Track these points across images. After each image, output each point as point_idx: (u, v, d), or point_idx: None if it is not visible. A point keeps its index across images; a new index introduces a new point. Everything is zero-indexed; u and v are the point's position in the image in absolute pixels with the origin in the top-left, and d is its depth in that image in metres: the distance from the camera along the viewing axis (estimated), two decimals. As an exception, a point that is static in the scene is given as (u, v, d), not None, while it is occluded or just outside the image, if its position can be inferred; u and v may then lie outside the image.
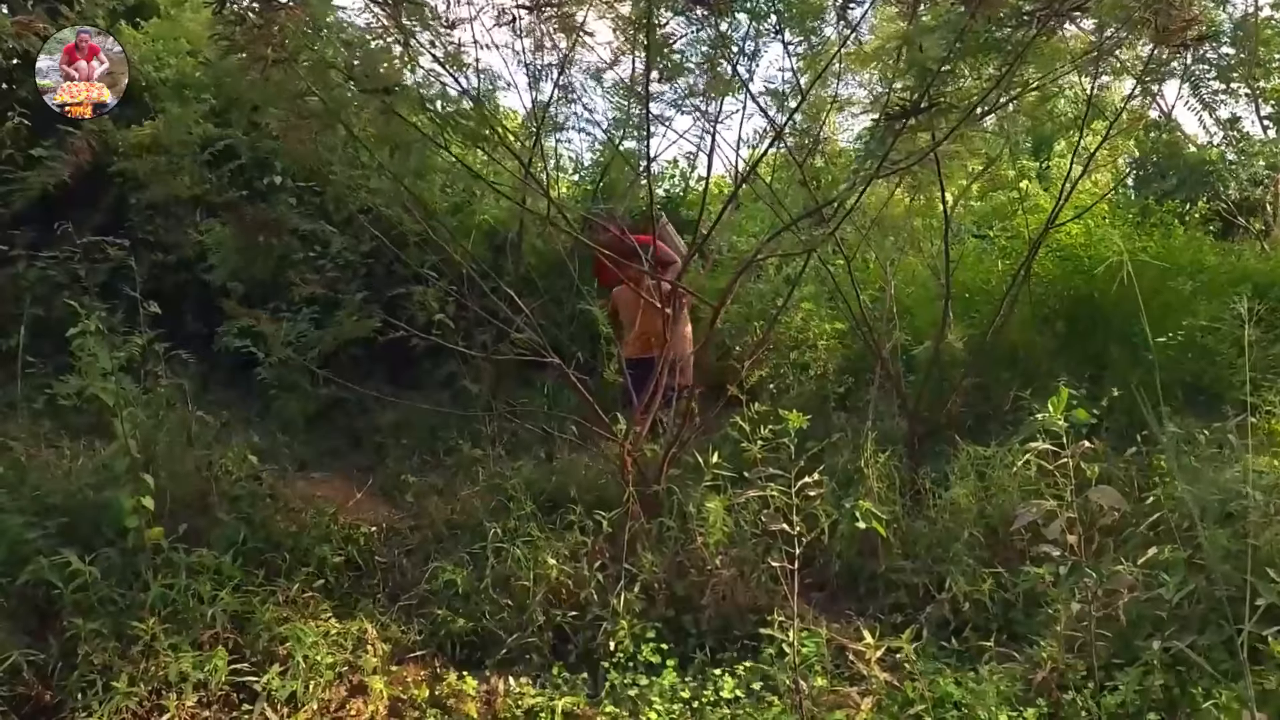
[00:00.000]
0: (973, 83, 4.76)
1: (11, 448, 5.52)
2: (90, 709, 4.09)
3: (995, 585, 4.78)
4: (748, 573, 4.95)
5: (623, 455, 5.38)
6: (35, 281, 6.69)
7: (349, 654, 4.67)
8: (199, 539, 4.88)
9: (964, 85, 4.69)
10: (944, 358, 6.21)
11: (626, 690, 4.55)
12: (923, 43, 4.48)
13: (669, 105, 6.14)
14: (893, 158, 4.71)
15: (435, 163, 5.83)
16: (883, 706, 3.93)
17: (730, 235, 8.22)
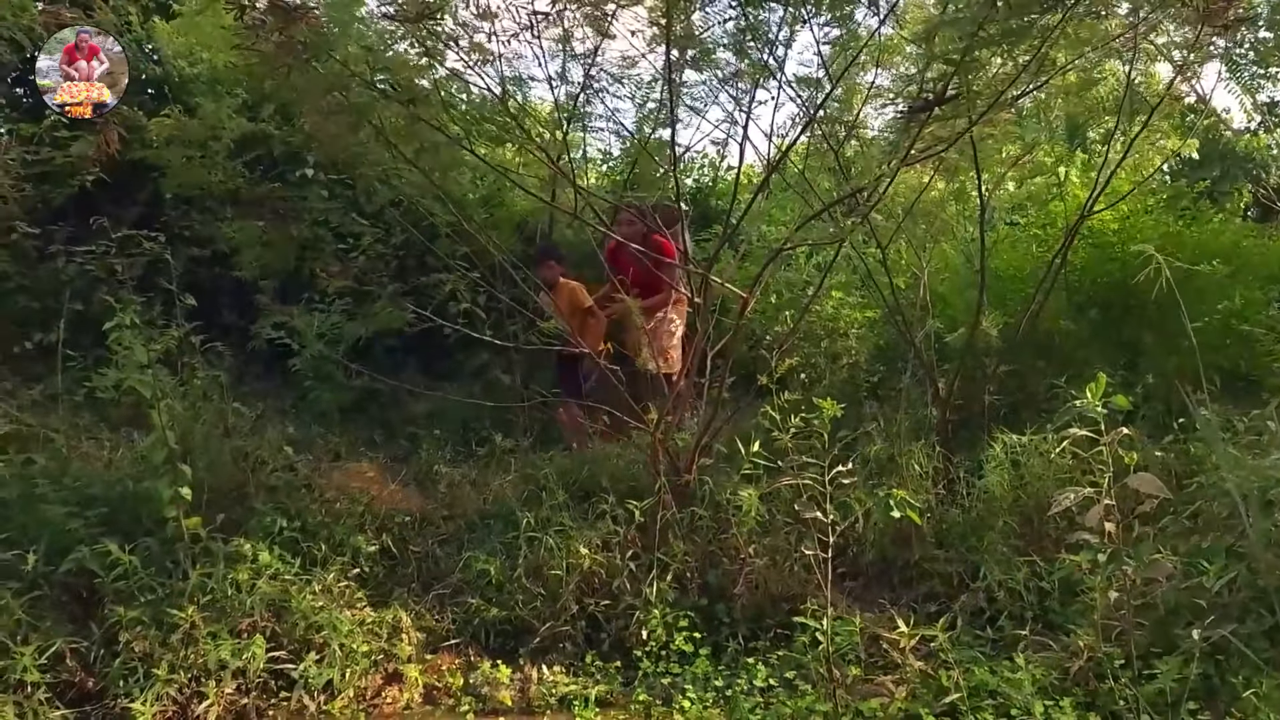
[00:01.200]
0: (1001, 70, 4.70)
1: (53, 439, 5.60)
2: (132, 695, 4.16)
3: (1030, 574, 4.75)
4: (780, 561, 4.95)
5: (654, 444, 5.38)
6: (74, 276, 6.77)
7: (384, 642, 4.73)
8: (236, 528, 4.94)
9: (993, 73, 4.63)
10: (978, 345, 6.15)
11: (659, 679, 4.57)
12: (942, 34, 4.44)
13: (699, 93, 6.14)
14: (922, 145, 4.67)
15: (464, 158, 5.85)
16: (917, 695, 3.92)
17: (760, 224, 8.19)
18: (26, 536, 4.58)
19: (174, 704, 4.25)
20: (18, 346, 6.47)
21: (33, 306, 6.74)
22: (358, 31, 4.82)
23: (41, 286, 6.82)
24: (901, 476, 5.41)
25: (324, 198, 7.74)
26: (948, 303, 7.13)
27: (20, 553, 4.48)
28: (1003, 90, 4.59)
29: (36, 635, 4.25)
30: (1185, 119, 7.07)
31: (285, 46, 4.40)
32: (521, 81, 6.49)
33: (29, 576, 4.45)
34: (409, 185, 6.08)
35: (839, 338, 7.07)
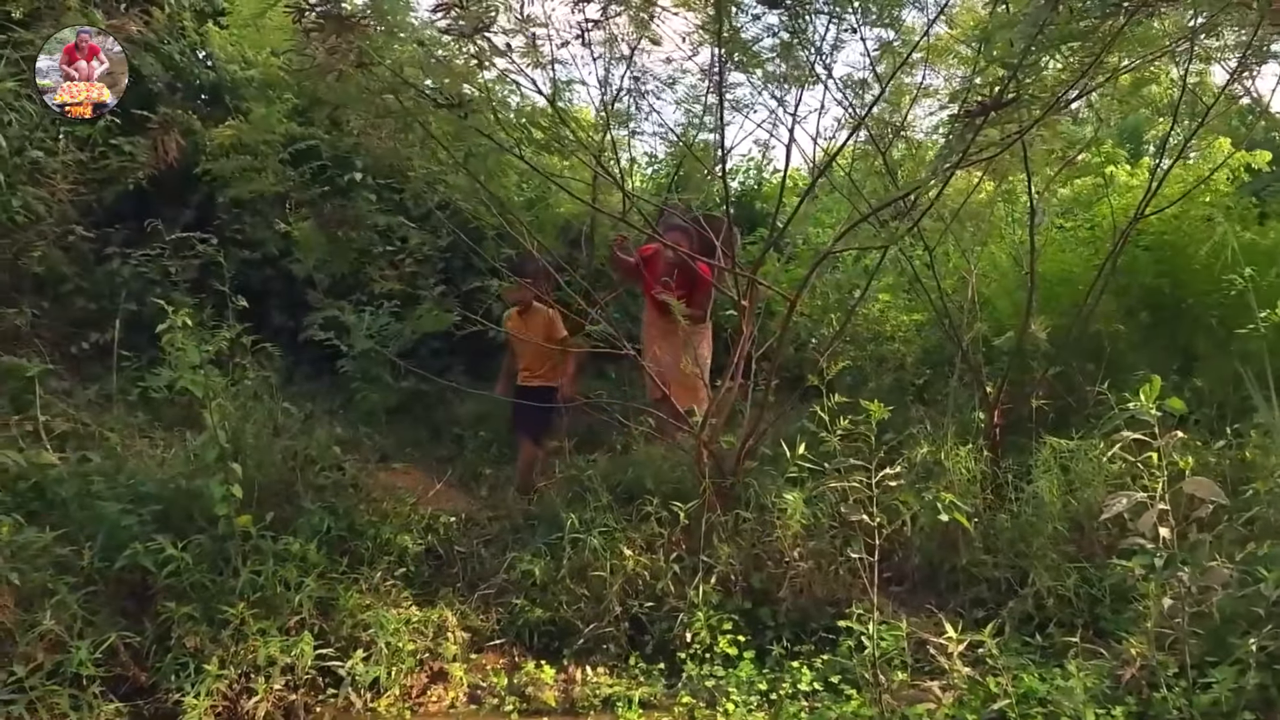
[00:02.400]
0: (1056, 73, 4.64)
1: (108, 438, 5.71)
2: (183, 690, 4.23)
3: (1080, 580, 4.69)
4: (825, 565, 4.92)
5: (698, 447, 5.37)
6: (129, 278, 6.91)
7: (430, 641, 4.77)
8: (285, 526, 5.01)
9: (1047, 76, 4.57)
10: (1026, 348, 6.08)
11: (703, 681, 4.56)
12: (1001, 37, 4.38)
13: (744, 95, 6.14)
14: (975, 149, 4.61)
15: (511, 162, 5.89)
16: (964, 701, 3.88)
17: (806, 227, 8.16)
18: (83, 532, 4.68)
19: (224, 699, 4.31)
20: (74, 347, 6.60)
21: (89, 308, 6.88)
22: (408, 36, 4.86)
23: (98, 288, 6.96)
24: (948, 480, 5.36)
25: (372, 201, 7.83)
26: (995, 305, 7.04)
27: (77, 548, 4.59)
28: (1061, 94, 4.52)
29: (91, 630, 4.33)
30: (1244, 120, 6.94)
31: (338, 53, 4.45)
32: (568, 85, 6.53)
33: (85, 572, 4.55)
34: (455, 189, 6.12)
35: (885, 340, 7.01)
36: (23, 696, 4.01)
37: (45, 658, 4.15)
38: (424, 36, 4.91)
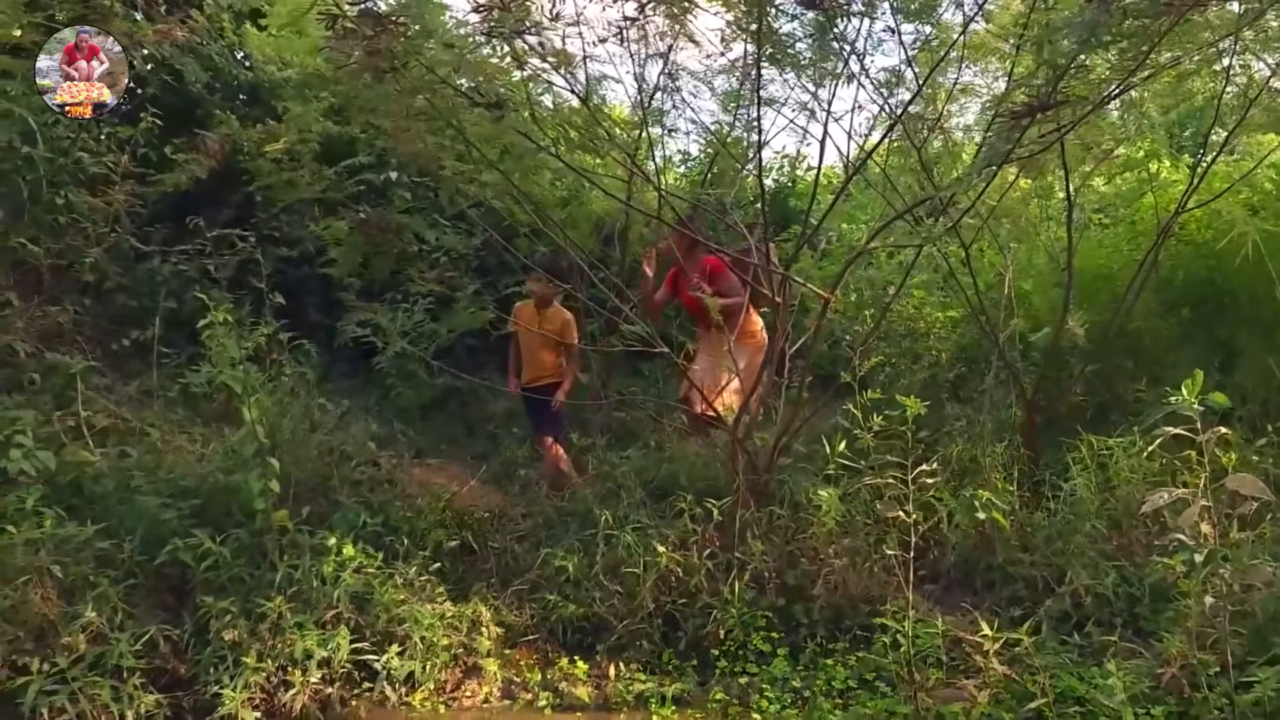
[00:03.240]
0: (1101, 72, 4.57)
1: (148, 433, 5.79)
2: (221, 683, 4.29)
3: (1119, 579, 4.62)
4: (860, 563, 4.89)
5: (732, 444, 5.36)
6: (169, 276, 7.00)
7: (464, 636, 4.80)
8: (321, 521, 5.06)
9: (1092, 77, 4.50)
10: (1063, 345, 6.01)
11: (736, 678, 4.56)
12: (1052, 39, 4.32)
13: (777, 90, 6.11)
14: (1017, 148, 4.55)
15: (544, 159, 5.90)
16: (1000, 700, 3.84)
17: (840, 223, 8.12)
18: (123, 526, 4.76)
19: (262, 692, 4.36)
20: (116, 344, 6.69)
21: (130, 305, 6.97)
22: (442, 36, 4.88)
23: (138, 286, 7.04)
24: (984, 478, 5.31)
25: (407, 200, 7.88)
26: (1032, 301, 6.96)
27: (117, 542, 4.66)
28: (1107, 95, 4.45)
29: (132, 622, 4.41)
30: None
31: (374, 53, 4.48)
32: (601, 81, 6.52)
33: (125, 565, 4.62)
34: (489, 188, 6.15)
35: (920, 337, 6.96)
36: (65, 687, 4.08)
37: (87, 649, 4.23)
38: (456, 39, 4.93)
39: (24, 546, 4.34)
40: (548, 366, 6.43)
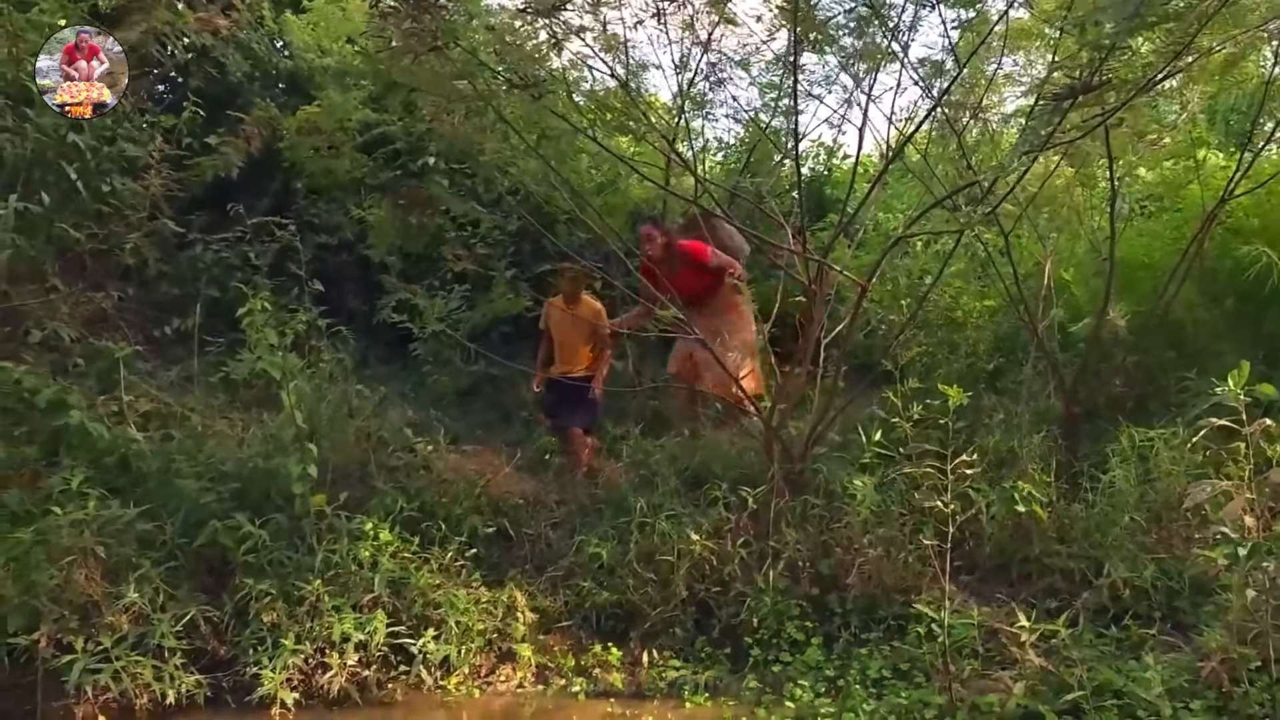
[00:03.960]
0: (1146, 55, 4.49)
1: (189, 418, 5.87)
2: (260, 664, 4.35)
3: (1158, 572, 4.57)
4: (895, 553, 4.86)
5: (767, 432, 5.35)
6: (210, 264, 7.08)
7: (499, 621, 4.83)
8: (358, 506, 5.10)
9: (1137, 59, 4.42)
10: (1104, 336, 5.93)
11: (769, 667, 4.56)
12: (1093, 20, 4.25)
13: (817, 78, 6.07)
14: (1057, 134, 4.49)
15: (583, 145, 5.91)
16: (1037, 692, 3.80)
17: (876, 211, 8.05)
18: (165, 509, 4.83)
19: (300, 673, 4.42)
20: (158, 330, 6.79)
21: (172, 293, 7.07)
22: (483, 19, 4.90)
23: (180, 273, 7.14)
24: (1022, 469, 5.26)
25: (445, 186, 7.92)
26: (1072, 291, 6.88)
27: (159, 524, 4.73)
28: (1151, 77, 4.37)
29: (173, 603, 4.48)
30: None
31: (415, 35, 4.50)
32: (641, 68, 6.50)
33: (167, 547, 4.69)
34: (526, 174, 6.17)
35: (957, 327, 6.90)
36: (109, 666, 4.16)
37: (130, 629, 4.31)
38: (495, 22, 4.95)
39: (69, 527, 4.42)
40: (582, 358, 6.46)
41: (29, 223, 5.78)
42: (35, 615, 4.23)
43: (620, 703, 4.51)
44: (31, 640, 4.18)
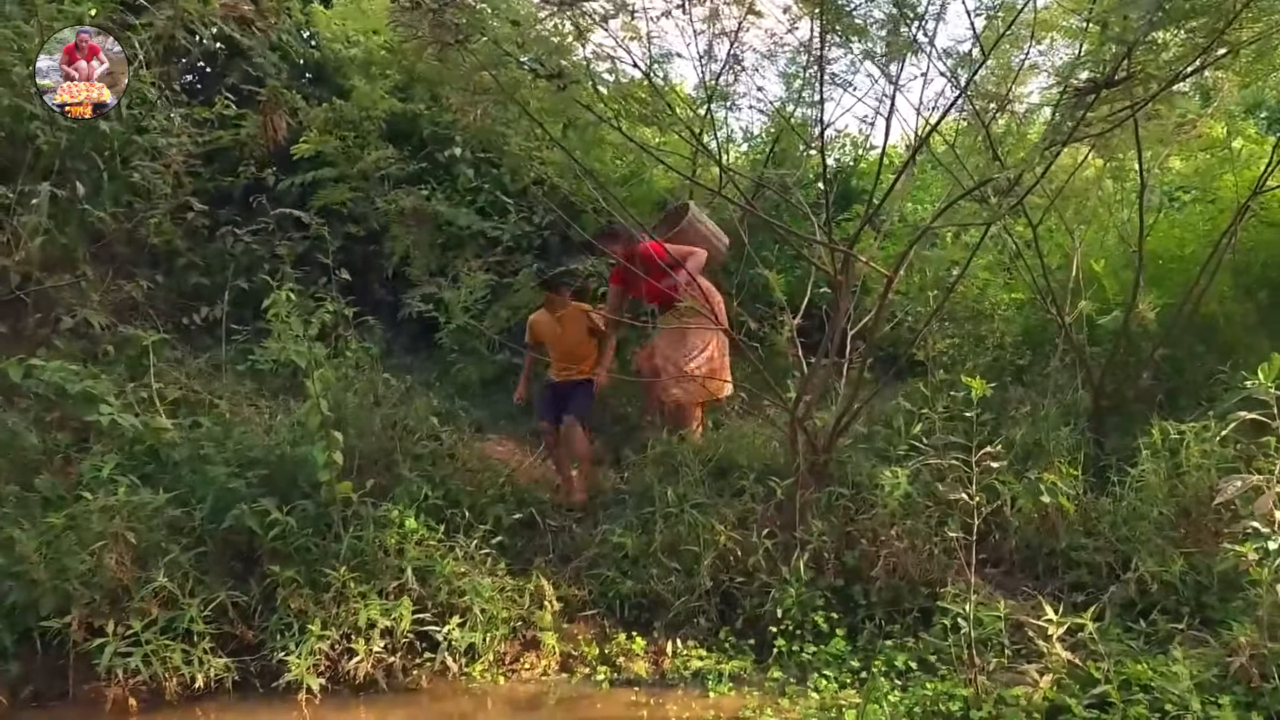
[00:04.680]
0: (1175, 48, 4.43)
1: (217, 405, 5.92)
2: (287, 649, 4.39)
3: (1186, 566, 4.53)
4: (920, 545, 4.84)
5: (792, 424, 5.33)
6: (239, 254, 7.14)
7: (523, 609, 4.84)
8: (384, 494, 5.13)
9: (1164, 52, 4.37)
10: (1133, 328, 5.88)
11: (794, 657, 4.55)
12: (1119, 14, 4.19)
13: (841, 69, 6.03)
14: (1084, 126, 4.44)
15: (606, 136, 5.89)
16: (1063, 685, 3.78)
17: (903, 203, 8.00)
18: (193, 495, 4.88)
19: (326, 659, 4.46)
20: (186, 319, 6.85)
21: (201, 282, 7.13)
22: (507, 10, 4.90)
23: (209, 263, 7.21)
24: (1048, 462, 5.22)
25: (470, 177, 7.94)
26: (1101, 284, 6.82)
27: (188, 510, 4.78)
28: (1179, 72, 4.32)
29: (202, 588, 4.53)
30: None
31: (441, 26, 4.51)
32: (665, 59, 6.51)
33: (195, 532, 4.74)
34: (551, 165, 6.17)
35: (984, 319, 6.85)
36: (139, 650, 4.21)
37: (159, 613, 4.36)
38: (519, 15, 4.95)
39: (100, 513, 4.48)
40: (583, 359, 6.26)
41: (61, 210, 5.84)
42: (67, 599, 4.30)
43: (644, 692, 4.52)
44: (63, 623, 4.24)
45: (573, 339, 6.23)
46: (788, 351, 5.90)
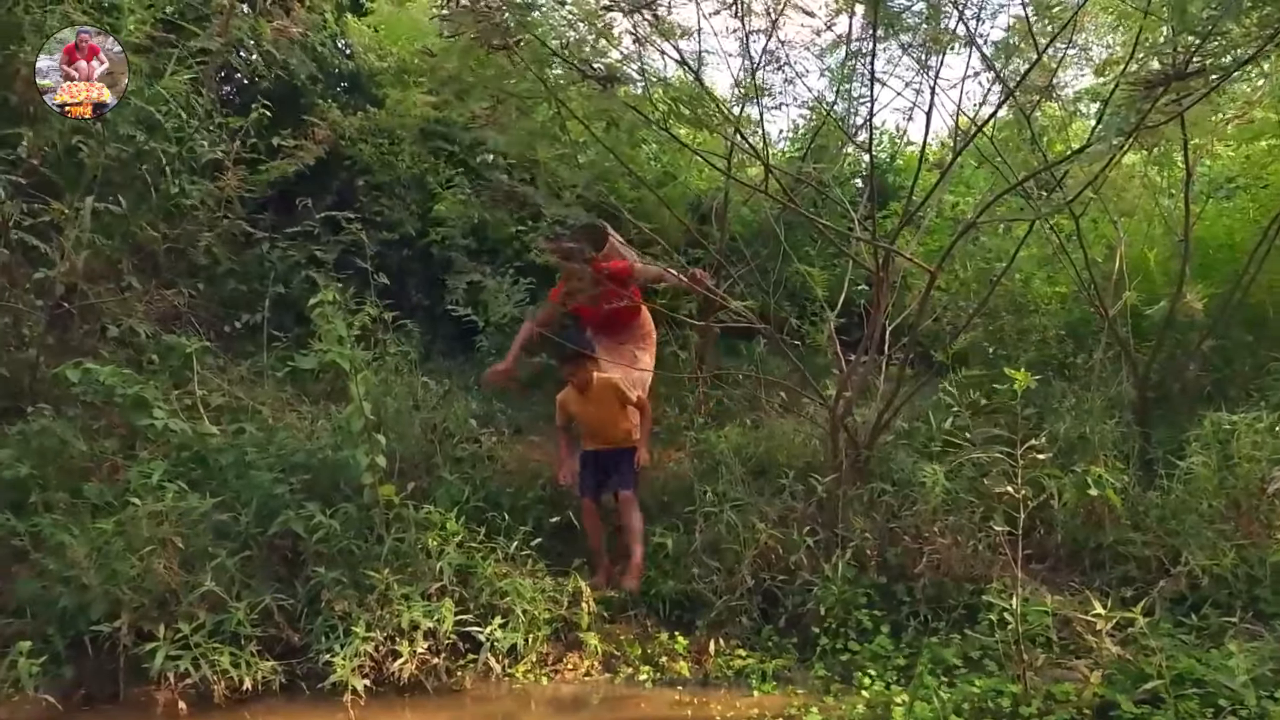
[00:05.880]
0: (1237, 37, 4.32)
1: (260, 411, 5.98)
2: (332, 651, 4.41)
3: (1238, 559, 4.45)
4: (964, 541, 4.79)
5: (832, 421, 5.30)
6: (277, 261, 7.22)
7: (565, 610, 4.84)
8: (425, 496, 5.16)
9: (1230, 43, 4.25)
10: (1180, 319, 5.78)
11: (837, 656, 4.51)
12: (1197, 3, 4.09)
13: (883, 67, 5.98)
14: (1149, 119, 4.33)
15: (646, 136, 5.87)
16: (1113, 681, 3.72)
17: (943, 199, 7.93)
18: (239, 500, 4.92)
19: (371, 660, 4.47)
20: (227, 326, 6.94)
21: (240, 289, 7.21)
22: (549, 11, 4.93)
23: (248, 270, 7.29)
24: (1094, 455, 5.15)
25: (504, 182, 7.97)
26: (1148, 275, 6.72)
27: (234, 515, 4.83)
28: (1242, 60, 4.20)
29: (248, 592, 4.57)
30: None
31: (491, 27, 4.53)
32: (708, 56, 6.48)
33: (241, 537, 4.78)
34: (586, 169, 6.18)
35: (1027, 314, 6.78)
36: (188, 653, 4.25)
37: (207, 617, 4.39)
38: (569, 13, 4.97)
39: (148, 518, 4.53)
40: (620, 433, 5.68)
41: (106, 223, 5.94)
42: (116, 603, 4.34)
43: (688, 691, 4.50)
44: (113, 627, 4.29)
45: (607, 414, 5.67)
46: (827, 349, 5.87)
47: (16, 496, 4.76)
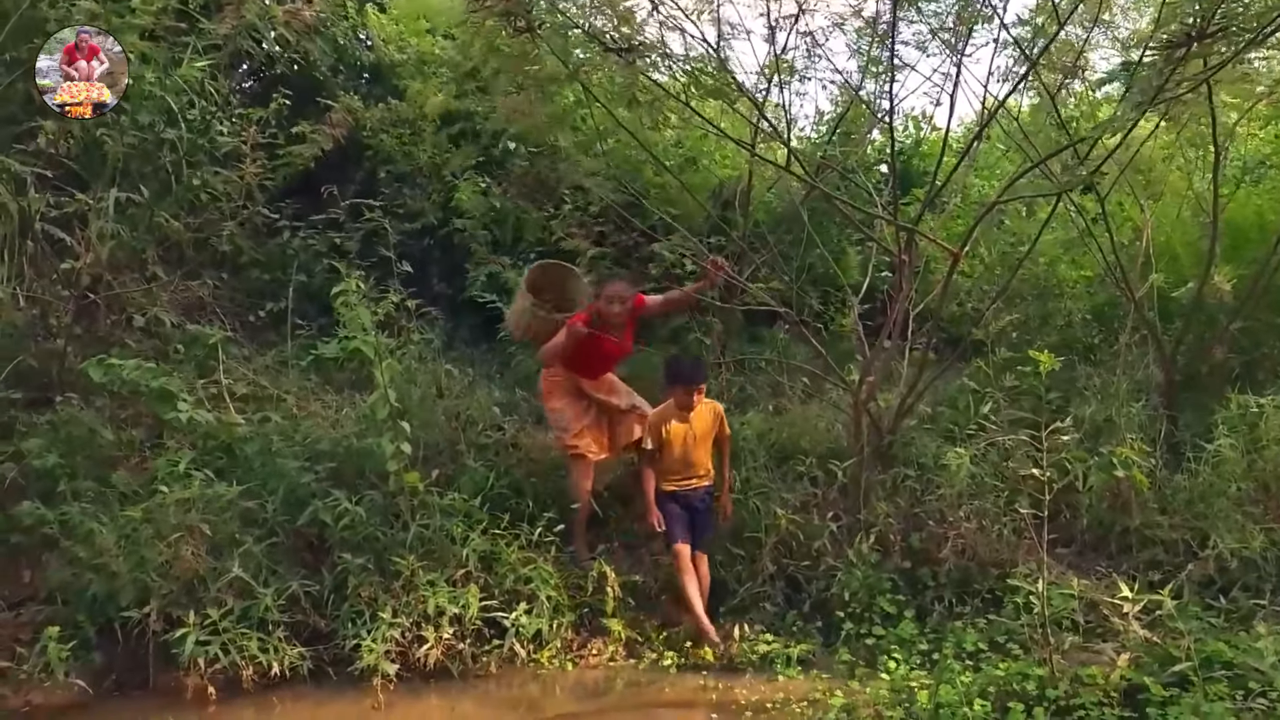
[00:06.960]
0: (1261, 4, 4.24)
1: (285, 400, 6.02)
2: (359, 637, 4.44)
3: (1267, 542, 4.41)
4: (989, 526, 4.77)
5: (855, 406, 5.28)
6: (300, 251, 7.25)
7: (588, 596, 4.86)
8: (449, 484, 5.17)
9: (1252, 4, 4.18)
10: (1208, 302, 5.72)
11: (862, 640, 4.51)
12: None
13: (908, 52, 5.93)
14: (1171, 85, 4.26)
15: (669, 119, 5.84)
16: (1141, 664, 3.70)
17: (966, 182, 7.87)
18: (265, 488, 4.96)
19: (396, 645, 4.50)
20: (252, 316, 6.98)
21: (264, 279, 7.25)
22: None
23: (271, 260, 7.32)
24: (1120, 438, 5.11)
25: (525, 169, 7.97)
26: (1175, 257, 6.64)
27: (260, 502, 4.86)
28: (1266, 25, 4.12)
29: (275, 578, 4.61)
30: None
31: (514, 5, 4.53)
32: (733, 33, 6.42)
33: (268, 524, 4.82)
34: (604, 158, 6.17)
35: (1052, 297, 6.72)
36: (216, 639, 4.29)
37: (234, 603, 4.43)
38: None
39: (176, 506, 4.57)
40: (705, 466, 5.17)
41: (130, 214, 5.97)
42: (145, 590, 4.39)
43: (712, 676, 4.52)
44: (143, 614, 4.34)
45: (704, 442, 5.16)
46: (850, 334, 5.84)
47: (46, 485, 4.80)
